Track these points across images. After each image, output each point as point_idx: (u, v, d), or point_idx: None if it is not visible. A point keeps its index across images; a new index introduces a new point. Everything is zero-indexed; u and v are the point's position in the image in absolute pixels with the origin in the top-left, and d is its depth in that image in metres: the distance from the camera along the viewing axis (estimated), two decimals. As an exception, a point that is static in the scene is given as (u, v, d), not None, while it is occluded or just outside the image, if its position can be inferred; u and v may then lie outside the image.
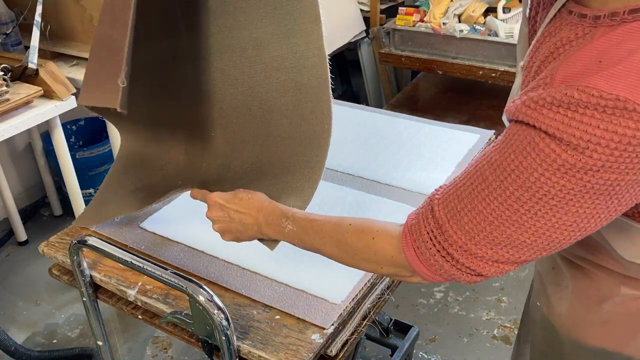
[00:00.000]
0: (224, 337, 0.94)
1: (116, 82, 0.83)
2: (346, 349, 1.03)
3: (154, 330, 2.04)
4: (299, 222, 0.89)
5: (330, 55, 0.98)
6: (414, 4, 2.68)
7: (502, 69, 2.36)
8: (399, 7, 2.61)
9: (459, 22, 2.44)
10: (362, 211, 1.30)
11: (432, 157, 1.48)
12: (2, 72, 1.75)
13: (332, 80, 0.99)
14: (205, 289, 0.94)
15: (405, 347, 1.70)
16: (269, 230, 0.93)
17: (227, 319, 0.94)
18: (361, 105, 1.86)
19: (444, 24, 2.45)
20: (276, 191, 1.05)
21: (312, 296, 1.07)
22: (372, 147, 1.54)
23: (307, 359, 0.96)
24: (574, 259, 0.89)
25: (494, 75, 2.38)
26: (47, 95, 1.83)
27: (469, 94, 2.78)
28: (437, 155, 1.49)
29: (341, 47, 2.85)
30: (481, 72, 2.41)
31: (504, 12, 2.36)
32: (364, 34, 2.96)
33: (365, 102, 3.16)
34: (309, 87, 0.98)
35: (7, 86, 1.73)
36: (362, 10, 2.97)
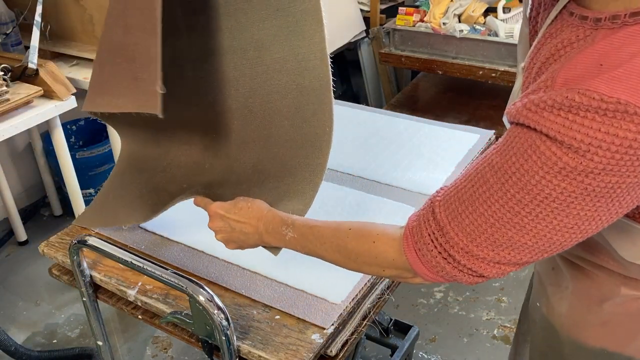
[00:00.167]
0: (224, 337, 0.94)
1: (144, 87, 0.83)
2: (346, 349, 1.03)
3: (154, 330, 2.04)
4: (299, 229, 0.89)
5: (330, 55, 0.98)
6: (414, 4, 2.68)
7: (502, 69, 2.36)
8: (399, 7, 2.61)
9: (459, 22, 2.44)
10: (362, 211, 1.30)
11: (432, 157, 1.48)
12: (2, 72, 1.75)
13: (333, 82, 0.99)
14: (205, 289, 0.94)
15: (405, 347, 1.70)
16: (270, 238, 0.93)
17: (227, 319, 0.94)
18: (361, 105, 1.86)
19: (444, 24, 2.45)
20: (278, 195, 1.05)
21: (312, 296, 1.07)
22: (372, 147, 1.54)
23: (307, 359, 0.96)
24: (574, 259, 0.89)
25: (494, 75, 2.38)
26: (47, 95, 1.83)
27: (469, 94, 2.78)
28: (437, 155, 1.49)
29: (341, 47, 2.85)
30: (481, 72, 2.41)
31: (504, 12, 2.36)
32: (364, 34, 2.96)
33: (365, 102, 3.16)
34: (311, 89, 0.98)
35: (7, 86, 1.73)
36: (362, 10, 2.97)
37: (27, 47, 1.83)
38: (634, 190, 0.61)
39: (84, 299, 1.19)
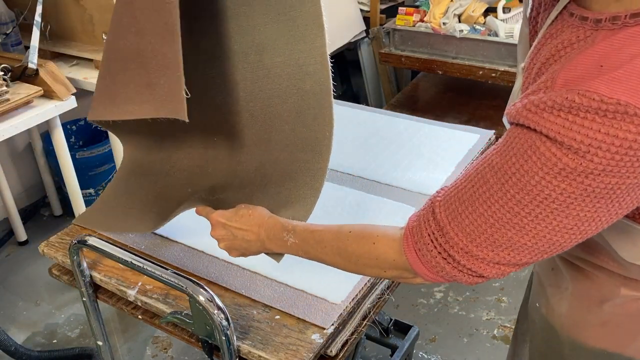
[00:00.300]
0: (224, 337, 0.94)
1: (160, 93, 0.83)
2: (346, 349, 1.03)
3: (154, 330, 2.05)
4: (300, 234, 0.90)
5: (330, 55, 0.98)
6: (414, 4, 2.68)
7: (502, 69, 2.36)
8: (399, 7, 2.61)
9: (459, 22, 2.44)
10: (362, 211, 1.30)
11: (432, 157, 1.48)
12: (2, 72, 1.75)
13: (332, 83, 0.99)
14: (205, 289, 0.94)
15: (405, 347, 1.70)
16: (272, 245, 0.94)
17: (227, 319, 0.94)
18: (361, 105, 1.86)
19: (444, 24, 2.45)
20: (280, 200, 1.05)
21: (312, 296, 1.07)
22: (372, 147, 1.54)
23: (307, 359, 0.96)
24: (574, 260, 0.89)
25: (494, 75, 2.38)
26: (47, 95, 1.83)
27: (469, 94, 2.78)
28: (437, 155, 1.49)
29: (341, 47, 2.85)
30: (481, 72, 2.41)
31: (504, 12, 2.36)
32: (364, 34, 2.96)
33: (365, 102, 3.16)
34: (312, 93, 0.98)
35: (7, 86, 1.73)
36: (362, 10, 2.97)
37: (27, 47, 1.83)
38: (634, 191, 0.61)
39: (84, 299, 1.19)
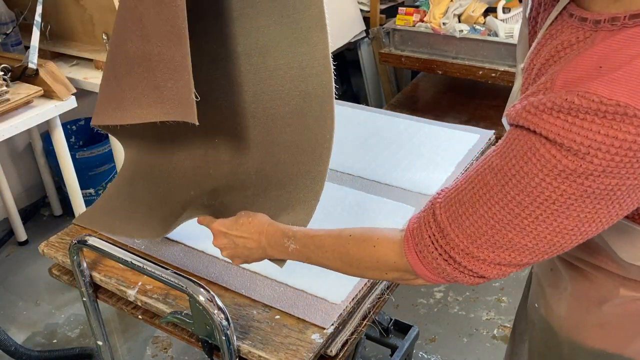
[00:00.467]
0: (224, 337, 0.94)
1: (168, 95, 0.83)
2: (346, 349, 1.03)
3: (154, 330, 2.05)
4: (300, 240, 0.90)
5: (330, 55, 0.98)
6: (414, 4, 2.68)
7: (502, 69, 2.36)
8: (399, 7, 2.61)
9: (459, 22, 2.44)
10: (362, 211, 1.30)
11: (432, 157, 1.48)
12: (2, 72, 1.75)
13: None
14: (205, 289, 0.94)
15: (405, 347, 1.70)
16: (273, 252, 0.94)
17: (227, 319, 0.94)
18: (361, 105, 1.86)
19: (444, 24, 2.45)
20: (281, 205, 1.05)
21: (312, 296, 1.07)
22: (372, 147, 1.54)
23: (307, 358, 0.96)
24: (573, 260, 0.89)
25: (493, 75, 2.38)
26: (47, 95, 1.83)
27: (469, 94, 2.78)
28: (437, 155, 1.49)
29: (341, 47, 2.85)
30: (481, 72, 2.41)
31: (504, 12, 2.36)
32: (364, 34, 2.96)
33: (365, 102, 3.16)
34: (314, 96, 0.98)
35: (7, 86, 1.73)
36: (362, 10, 2.97)
37: (27, 47, 1.83)
38: (634, 192, 0.61)
39: (84, 299, 1.19)
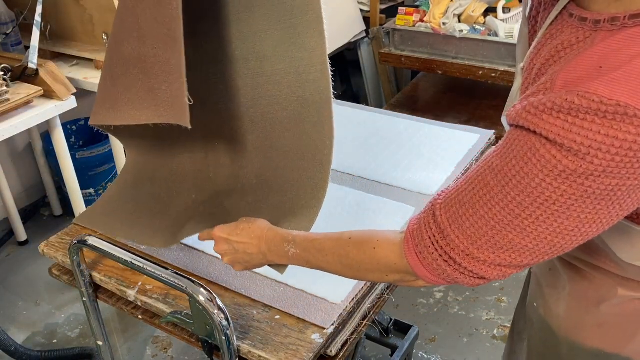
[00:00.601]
0: (224, 337, 0.94)
1: (162, 98, 0.83)
2: (346, 349, 1.03)
3: (154, 330, 2.05)
4: (301, 244, 0.90)
5: (330, 55, 0.97)
6: (414, 4, 2.68)
7: (502, 69, 2.36)
8: (399, 7, 2.61)
9: (459, 22, 2.44)
10: (362, 211, 1.30)
11: (432, 157, 1.48)
12: (2, 72, 1.75)
13: (332, 80, 0.98)
14: (205, 289, 0.94)
15: (405, 347, 1.70)
16: (273, 257, 0.94)
17: (227, 319, 0.94)
18: (361, 105, 1.86)
19: (444, 24, 2.45)
20: (284, 210, 1.05)
21: (312, 296, 1.07)
22: (372, 147, 1.54)
23: (307, 359, 0.96)
24: (572, 260, 0.89)
25: (493, 75, 2.38)
26: (47, 95, 1.83)
27: (469, 94, 2.78)
28: (437, 155, 1.49)
29: (341, 47, 2.85)
30: (481, 72, 2.41)
31: (504, 12, 2.36)
32: (364, 34, 2.96)
33: (365, 102, 3.16)
34: (312, 102, 0.98)
35: (7, 86, 1.73)
36: (362, 10, 2.97)
37: (27, 47, 1.83)
38: (635, 192, 0.61)
39: (84, 299, 1.19)
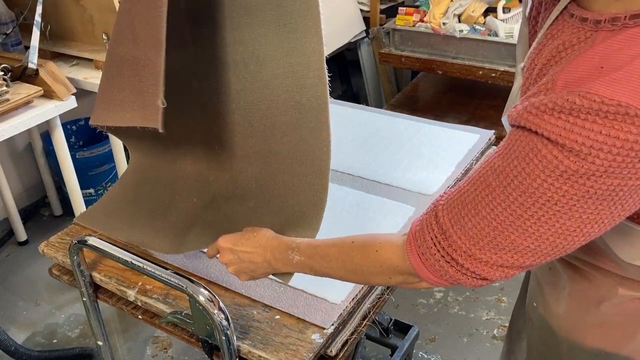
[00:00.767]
0: (224, 337, 0.94)
1: (149, 101, 0.83)
2: (346, 349, 1.03)
3: (154, 330, 2.05)
4: (304, 251, 0.90)
5: (330, 55, 0.98)
6: (414, 4, 2.68)
7: (502, 69, 2.36)
8: (399, 7, 2.61)
9: (459, 22, 2.44)
10: (362, 211, 1.30)
11: (432, 157, 1.48)
12: (2, 72, 1.75)
13: (331, 80, 0.99)
14: (205, 289, 0.94)
15: (405, 347, 1.70)
16: (278, 265, 0.94)
17: (227, 319, 0.94)
18: (361, 105, 1.86)
19: (443, 24, 2.45)
20: (286, 218, 1.05)
21: (312, 296, 1.07)
22: (372, 147, 1.54)
23: (307, 359, 0.96)
24: (572, 260, 0.89)
25: (494, 75, 2.38)
26: (47, 95, 1.83)
27: (469, 94, 2.78)
28: (437, 155, 1.49)
29: (341, 47, 2.85)
30: (481, 72, 2.41)
31: (504, 12, 2.36)
32: (364, 34, 2.96)
33: (365, 102, 3.16)
34: (309, 107, 0.98)
35: (7, 86, 1.73)
36: (362, 10, 2.97)
37: (27, 47, 1.83)
38: (636, 192, 0.61)
39: (84, 299, 1.19)
